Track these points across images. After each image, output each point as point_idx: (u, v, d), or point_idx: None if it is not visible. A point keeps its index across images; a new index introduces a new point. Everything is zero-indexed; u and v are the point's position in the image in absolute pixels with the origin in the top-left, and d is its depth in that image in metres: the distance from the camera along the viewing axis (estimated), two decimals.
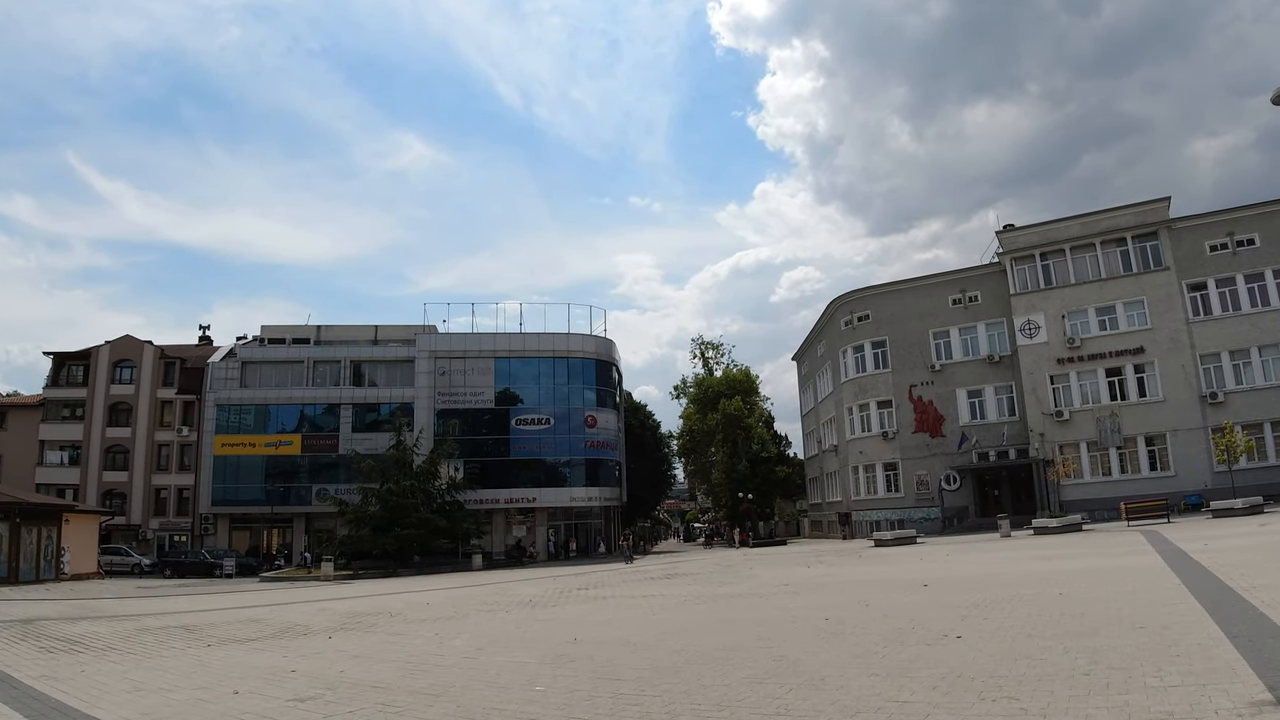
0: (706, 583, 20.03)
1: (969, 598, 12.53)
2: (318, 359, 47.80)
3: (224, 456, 45.96)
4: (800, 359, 68.32)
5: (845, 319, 51.34)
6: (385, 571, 34.68)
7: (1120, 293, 42.96)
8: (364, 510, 37.88)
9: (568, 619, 13.92)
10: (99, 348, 49.76)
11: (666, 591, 18.09)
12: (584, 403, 48.08)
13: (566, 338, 48.45)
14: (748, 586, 18.01)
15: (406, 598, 20.56)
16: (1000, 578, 15.63)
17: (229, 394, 46.58)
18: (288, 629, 14.55)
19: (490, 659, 9.79)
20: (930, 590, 14.38)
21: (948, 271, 49.03)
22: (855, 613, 11.86)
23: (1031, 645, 8.02)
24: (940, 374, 46.96)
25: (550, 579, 25.88)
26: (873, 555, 27.67)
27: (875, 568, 21.67)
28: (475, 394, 47.05)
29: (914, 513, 45.66)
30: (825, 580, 18.46)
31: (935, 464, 46.11)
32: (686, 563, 32.32)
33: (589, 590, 19.71)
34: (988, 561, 20.44)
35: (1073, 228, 44.95)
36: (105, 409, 48.79)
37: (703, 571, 24.95)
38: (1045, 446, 42.97)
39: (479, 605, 17.29)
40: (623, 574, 26.44)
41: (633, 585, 20.78)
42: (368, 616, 16.12)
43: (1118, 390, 42.21)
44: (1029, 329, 44.32)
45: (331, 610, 17.78)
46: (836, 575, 19.80)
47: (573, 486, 47.53)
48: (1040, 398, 43.48)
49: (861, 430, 49.48)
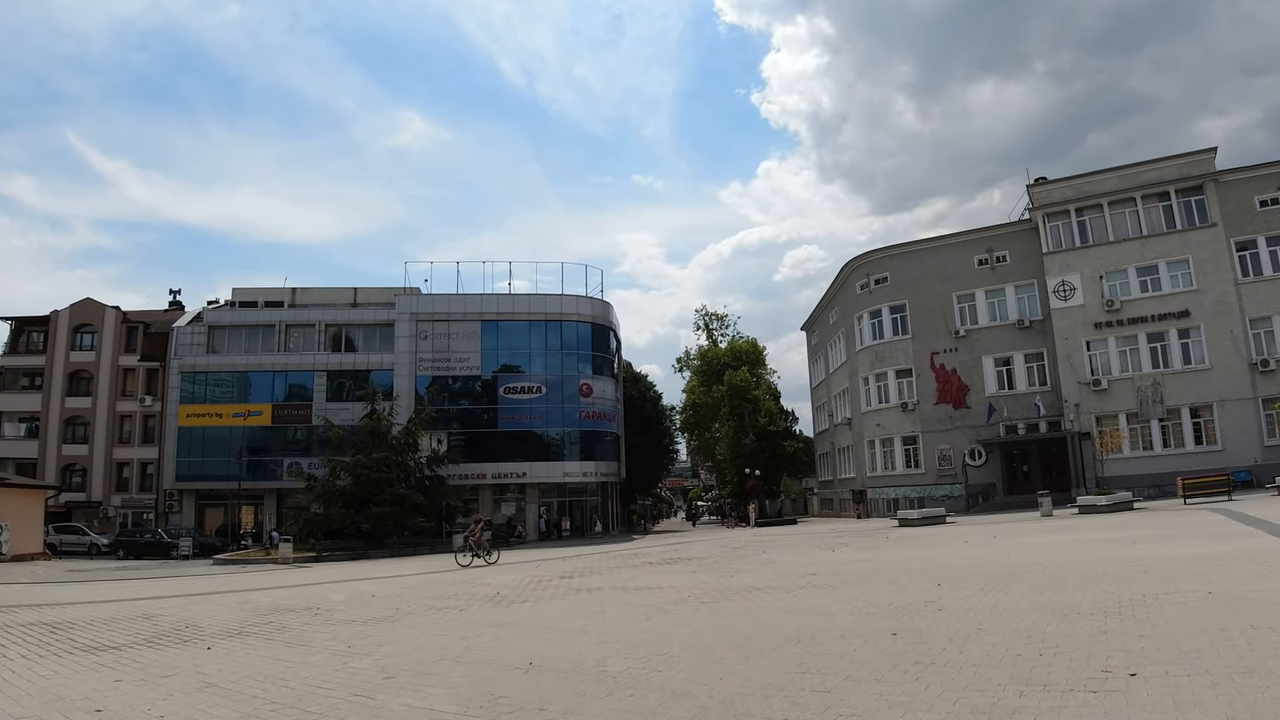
0: (714, 570, 16.60)
1: (1081, 598, 9.10)
2: (290, 323, 44.14)
3: (189, 428, 42.50)
4: (810, 328, 64.73)
5: (861, 282, 47.71)
6: (354, 554, 31.34)
7: (1163, 251, 39.41)
8: (332, 485, 34.39)
9: (534, 624, 10.49)
10: (59, 312, 46.29)
11: (666, 582, 14.67)
12: (579, 370, 44.33)
13: (560, 299, 44.58)
14: (766, 576, 14.56)
15: (356, 587, 17.20)
16: (1091, 567, 12.17)
17: (194, 360, 43.04)
18: (174, 631, 11.24)
19: (390, 701, 6.36)
20: (1012, 584, 10.93)
21: (973, 229, 45.35)
22: (929, 622, 8.40)
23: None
24: (965, 340, 43.46)
25: (533, 563, 22.53)
26: (901, 537, 24.24)
27: (913, 552, 18.24)
28: (460, 360, 43.34)
29: (935, 490, 42.32)
30: (859, 568, 15.02)
31: (959, 437, 42.69)
32: (689, 544, 28.97)
33: (573, 579, 16.30)
34: (1050, 546, 16.98)
35: (1111, 180, 41.29)
36: (65, 377, 45.41)
37: (709, 555, 21.54)
38: (1081, 418, 39.53)
39: (433, 599, 13.90)
40: (617, 558, 23.08)
41: (627, 573, 17.38)
42: (288, 614, 12.77)
43: (1160, 357, 38.82)
44: (1063, 290, 40.74)
45: (252, 604, 14.41)
46: (870, 561, 16.35)
47: (566, 461, 43.86)
48: (1075, 365, 40.01)
49: (878, 401, 46.00)
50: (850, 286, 49.26)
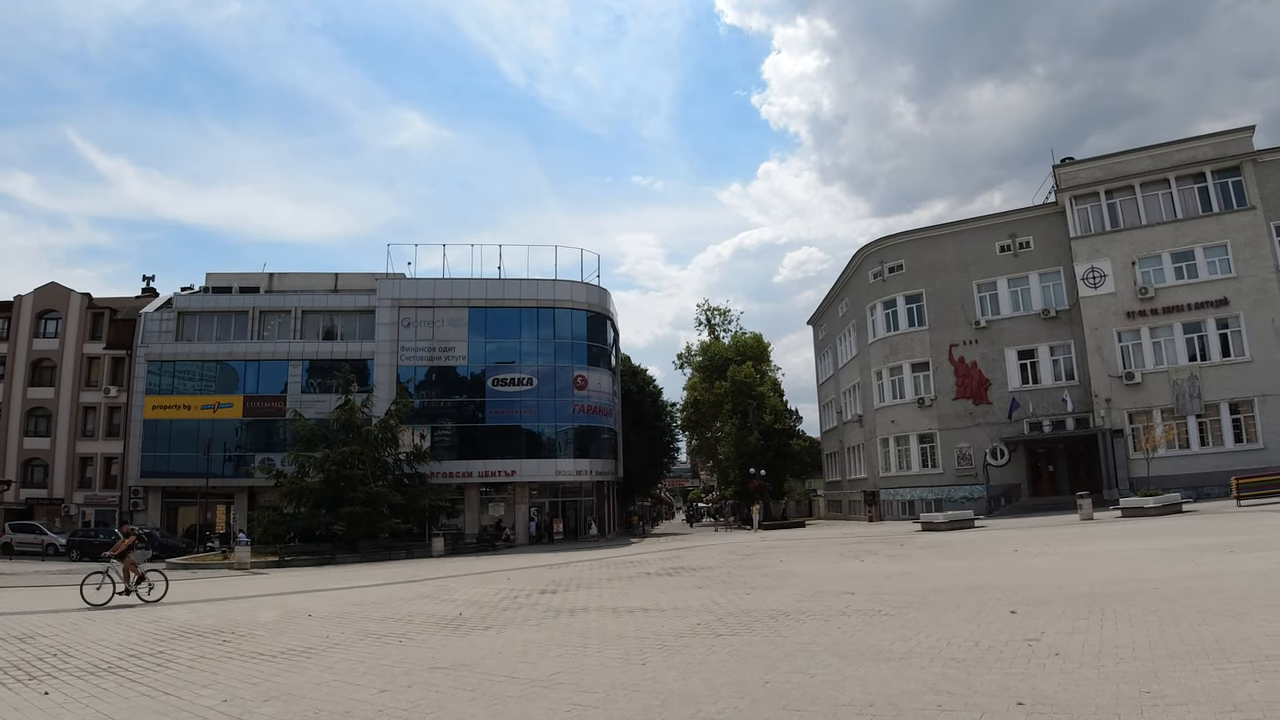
0: (726, 584, 13.86)
1: (1249, 631, 6.34)
2: (265, 309, 41.22)
3: (156, 420, 39.64)
4: (817, 322, 61.92)
5: (874, 270, 44.92)
6: (321, 559, 28.53)
7: (1199, 235, 36.72)
8: (300, 483, 31.52)
9: (489, 666, 7.74)
10: (22, 297, 43.44)
11: (668, 601, 11.93)
12: (573, 361, 41.24)
13: (554, 285, 41.50)
14: (791, 595, 11.82)
15: (299, 602, 14.48)
16: (1207, 584, 9.43)
17: (162, 349, 40.16)
18: (32, 662, 8.55)
19: None
20: (1120, 608, 8.16)
21: (994, 214, 42.58)
22: (1057, 679, 5.64)
23: None
24: (986, 332, 40.69)
25: (514, 572, 19.78)
26: (930, 543, 21.50)
27: (956, 563, 15.51)
28: (446, 349, 40.34)
29: (954, 491, 39.57)
30: (903, 584, 12.28)
31: (980, 435, 39.93)
32: (692, 550, 26.20)
33: (556, 595, 13.56)
34: (1124, 555, 14.24)
35: (1142, 160, 38.58)
36: (27, 366, 42.56)
37: (716, 564, 18.79)
38: (1112, 414, 36.83)
39: (378, 622, 11.16)
40: (611, 566, 20.33)
41: (621, 587, 14.64)
42: (191, 640, 10.06)
43: (1197, 349, 36.06)
44: (1093, 278, 38.00)
45: (161, 623, 11.68)
46: (912, 575, 13.61)
47: (559, 458, 40.80)
48: (1106, 357, 37.28)
49: (892, 397, 43.22)
50: (862, 275, 46.49)
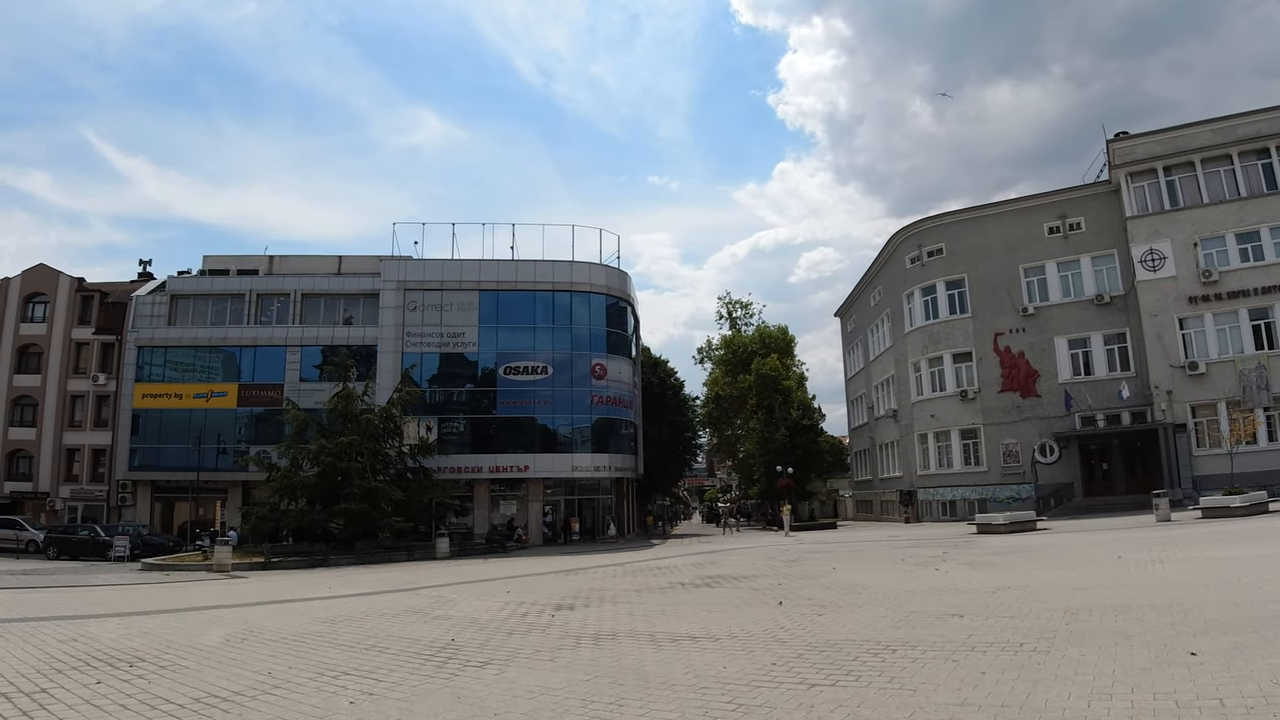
0: (778, 600, 11.17)
1: None
2: (262, 291, 38.73)
3: (145, 410, 37.30)
4: (845, 314, 59.10)
5: (911, 254, 42.07)
6: (311, 560, 25.96)
7: (1265, 214, 34.00)
8: (293, 476, 28.99)
9: None
10: (10, 279, 41.28)
11: (719, 624, 9.26)
12: (591, 349, 38.54)
13: (570, 267, 38.70)
14: (873, 616, 9.07)
15: (260, 616, 11.94)
16: None
17: (153, 334, 37.78)
18: None
19: None
20: None
21: (1042, 193, 39.66)
22: None
23: None
24: (1034, 319, 37.91)
25: (525, 579, 17.17)
26: (1000, 547, 18.71)
27: (1056, 572, 12.76)
28: (454, 335, 37.71)
29: (1000, 490, 36.77)
30: (1013, 601, 9.50)
31: (1027, 430, 37.13)
32: (725, 554, 23.49)
33: (574, 612, 10.92)
34: (1257, 561, 11.36)
35: (1203, 135, 35.73)
36: (14, 352, 40.35)
37: (758, 572, 16.10)
38: (1173, 407, 33.95)
39: (346, 648, 8.53)
40: (636, 574, 17.68)
41: (653, 603, 11.98)
42: (99, 670, 7.45)
43: (1265, 336, 33.27)
44: (1151, 260, 35.14)
45: (78, 644, 9.07)
46: (1015, 588, 10.82)
47: (576, 453, 38.10)
48: (1166, 346, 34.45)
49: (931, 390, 40.40)
50: (898, 260, 43.62)
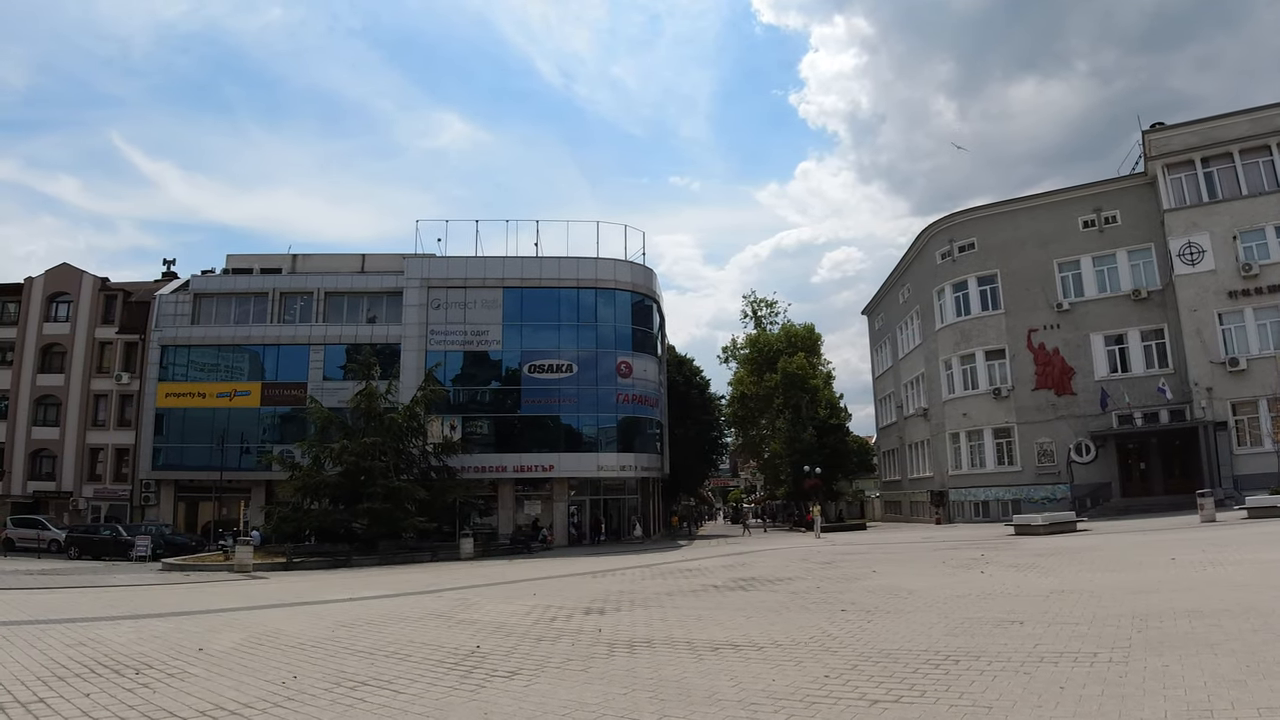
0: (825, 605, 10.46)
1: None
2: (285, 290, 38.37)
3: (169, 409, 37.07)
4: (872, 311, 58.14)
5: (942, 250, 41.12)
6: (334, 561, 25.50)
7: None
8: (315, 476, 28.58)
9: None
10: (33, 279, 41.29)
11: (758, 631, 8.55)
12: (616, 347, 37.84)
13: (595, 264, 38.01)
14: (931, 624, 8.30)
15: (278, 619, 11.39)
16: None
17: (176, 333, 37.58)
18: None
19: None
20: None
21: (1076, 186, 38.56)
22: None
23: None
24: (1068, 315, 36.86)
25: (552, 580, 16.56)
26: (1043, 549, 17.80)
27: (1109, 574, 11.93)
28: (477, 333, 37.17)
29: (1034, 491, 35.74)
30: (1073, 606, 8.67)
31: (1062, 429, 36.08)
32: (756, 555, 22.78)
33: (605, 617, 10.29)
34: None
35: (1241, 125, 34.58)
36: (37, 352, 40.35)
37: (794, 575, 15.38)
38: (1214, 404, 32.89)
39: (366, 656, 7.89)
40: (666, 576, 17.01)
41: (687, 607, 11.31)
42: (103, 677, 6.88)
43: None
44: (1189, 254, 34.02)
45: (87, 647, 8.55)
46: (1074, 593, 9.98)
47: (600, 452, 37.34)
48: (1206, 341, 33.31)
49: (964, 388, 39.40)
50: (928, 256, 42.67)
